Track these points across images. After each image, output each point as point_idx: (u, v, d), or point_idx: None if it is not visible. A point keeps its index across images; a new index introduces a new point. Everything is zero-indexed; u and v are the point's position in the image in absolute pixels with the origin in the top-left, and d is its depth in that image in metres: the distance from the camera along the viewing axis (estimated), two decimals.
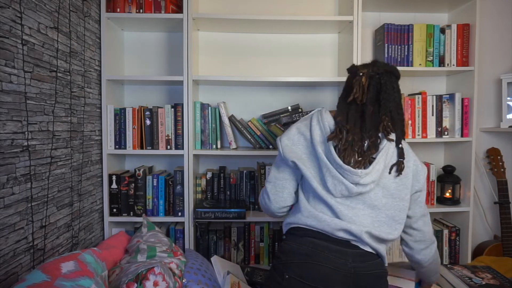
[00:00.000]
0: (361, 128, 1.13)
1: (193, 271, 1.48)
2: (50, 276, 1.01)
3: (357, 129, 1.12)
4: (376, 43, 2.06)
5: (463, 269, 1.67)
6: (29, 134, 1.25)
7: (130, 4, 1.81)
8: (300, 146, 1.17)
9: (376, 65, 1.16)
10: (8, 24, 1.14)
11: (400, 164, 1.13)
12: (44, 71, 1.33)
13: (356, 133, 1.12)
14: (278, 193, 1.21)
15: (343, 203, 1.11)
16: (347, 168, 1.07)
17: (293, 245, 1.12)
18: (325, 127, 1.14)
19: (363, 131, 1.13)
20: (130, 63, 2.06)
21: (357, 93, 1.12)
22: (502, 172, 1.99)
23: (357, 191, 1.09)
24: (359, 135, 1.12)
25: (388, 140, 1.14)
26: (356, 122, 1.13)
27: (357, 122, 1.13)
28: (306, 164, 1.14)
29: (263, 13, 2.07)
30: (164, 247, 1.58)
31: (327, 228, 1.10)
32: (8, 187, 1.14)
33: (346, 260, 1.08)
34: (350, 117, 1.13)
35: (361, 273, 1.07)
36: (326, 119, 1.15)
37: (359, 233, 1.08)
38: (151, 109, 1.84)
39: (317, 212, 1.12)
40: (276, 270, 1.12)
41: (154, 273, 1.26)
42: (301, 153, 1.16)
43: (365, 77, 1.14)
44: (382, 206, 1.12)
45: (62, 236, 1.45)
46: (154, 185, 1.85)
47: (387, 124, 1.12)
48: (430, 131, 1.95)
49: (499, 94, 2.12)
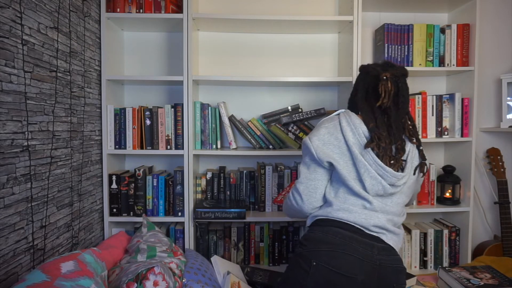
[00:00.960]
0: (389, 133, 1.19)
1: (193, 271, 1.48)
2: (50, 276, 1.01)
3: (386, 134, 1.17)
4: (376, 43, 2.06)
5: (461, 271, 1.67)
6: (29, 134, 1.25)
7: (130, 4, 1.81)
8: (331, 146, 1.19)
9: (394, 68, 1.22)
10: (8, 24, 1.14)
11: (423, 166, 1.23)
12: (44, 71, 1.33)
13: (387, 138, 1.17)
14: (311, 194, 1.23)
15: (375, 200, 1.18)
16: (389, 170, 1.14)
17: (320, 234, 1.17)
18: (358, 130, 1.18)
19: (390, 135, 1.19)
20: (130, 63, 2.06)
21: (385, 98, 1.18)
22: (502, 172, 1.99)
23: (391, 191, 1.17)
24: (389, 139, 1.17)
25: (411, 143, 1.23)
26: (384, 127, 1.18)
27: (384, 127, 1.18)
28: (341, 163, 1.18)
29: (263, 13, 2.07)
30: (164, 247, 1.58)
31: (361, 222, 1.16)
32: (8, 187, 1.14)
33: (372, 252, 1.13)
34: (380, 122, 1.18)
35: (385, 266, 1.13)
36: (356, 122, 1.19)
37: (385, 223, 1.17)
38: (151, 109, 1.84)
39: (349, 205, 1.18)
40: (302, 257, 1.14)
41: (154, 273, 1.26)
42: (333, 153, 1.19)
43: (390, 82, 1.19)
44: (403, 202, 1.24)
45: (62, 236, 1.45)
46: (154, 185, 1.85)
47: (412, 128, 1.23)
48: (430, 131, 1.95)
49: (499, 94, 2.12)
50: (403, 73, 1.22)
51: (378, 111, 1.20)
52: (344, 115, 1.22)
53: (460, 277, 1.60)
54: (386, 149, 1.15)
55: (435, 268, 1.99)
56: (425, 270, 1.99)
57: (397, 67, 1.23)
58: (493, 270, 1.68)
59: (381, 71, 1.21)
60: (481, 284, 1.55)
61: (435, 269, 1.98)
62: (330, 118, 1.26)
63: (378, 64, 1.26)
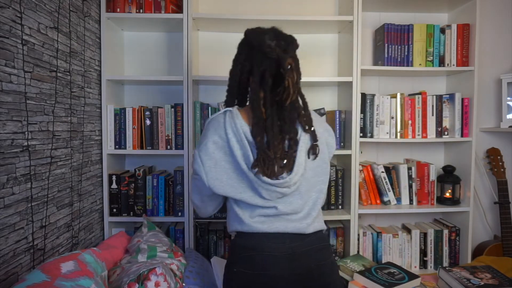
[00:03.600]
0: (281, 128, 1.05)
1: (193, 276, 1.48)
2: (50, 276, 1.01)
3: (276, 132, 1.03)
4: (376, 43, 2.06)
5: (461, 271, 1.67)
6: (29, 134, 1.25)
7: (130, 4, 1.81)
8: (223, 162, 1.05)
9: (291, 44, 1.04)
10: (8, 24, 1.14)
11: (315, 148, 1.09)
12: (44, 71, 1.33)
13: (277, 138, 1.03)
14: (207, 208, 1.20)
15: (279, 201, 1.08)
16: (276, 183, 1.02)
17: (240, 243, 1.11)
18: (243, 141, 1.03)
19: (283, 131, 1.05)
20: (130, 63, 2.06)
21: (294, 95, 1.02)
22: (502, 172, 1.99)
23: (291, 191, 1.07)
24: (279, 137, 1.04)
25: (305, 131, 1.07)
26: (274, 125, 1.03)
27: (275, 125, 1.04)
28: (237, 187, 1.06)
29: (263, 13, 2.07)
30: (164, 247, 1.58)
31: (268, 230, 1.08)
32: (8, 187, 1.14)
33: (284, 243, 1.07)
34: (269, 124, 1.03)
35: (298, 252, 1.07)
36: (241, 129, 1.04)
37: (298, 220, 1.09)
38: (151, 109, 1.84)
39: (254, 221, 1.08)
40: (226, 267, 1.12)
41: (156, 274, 1.26)
42: (226, 174, 1.06)
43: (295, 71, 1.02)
44: (311, 186, 1.11)
45: (62, 236, 1.45)
46: (154, 185, 1.85)
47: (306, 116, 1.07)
48: (430, 131, 1.95)
49: (499, 94, 2.12)
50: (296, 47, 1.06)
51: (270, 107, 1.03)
52: (230, 121, 1.05)
53: (460, 277, 1.60)
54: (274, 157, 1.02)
55: (435, 268, 1.99)
56: (425, 270, 1.99)
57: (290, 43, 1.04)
58: (494, 270, 1.68)
59: (282, 55, 1.00)
60: (481, 284, 1.55)
61: (435, 269, 1.98)
62: (214, 122, 1.09)
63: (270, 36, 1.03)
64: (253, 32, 1.08)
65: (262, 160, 1.01)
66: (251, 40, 1.07)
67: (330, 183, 1.94)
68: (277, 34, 1.05)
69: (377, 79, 2.16)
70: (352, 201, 1.88)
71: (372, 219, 2.19)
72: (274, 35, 1.04)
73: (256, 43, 1.04)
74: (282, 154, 1.04)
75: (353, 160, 1.87)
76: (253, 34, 1.08)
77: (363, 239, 1.97)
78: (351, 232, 1.89)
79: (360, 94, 1.87)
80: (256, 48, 1.05)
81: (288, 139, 1.06)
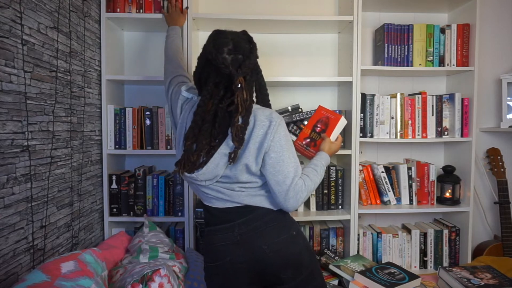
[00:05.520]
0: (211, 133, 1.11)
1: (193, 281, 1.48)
2: (50, 276, 1.01)
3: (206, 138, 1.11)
4: (376, 43, 2.06)
5: (462, 271, 1.67)
6: (29, 134, 1.25)
7: (130, 4, 1.81)
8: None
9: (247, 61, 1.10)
10: (8, 24, 1.14)
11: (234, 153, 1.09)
12: (44, 71, 1.33)
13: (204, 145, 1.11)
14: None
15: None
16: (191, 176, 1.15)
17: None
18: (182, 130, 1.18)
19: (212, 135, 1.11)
20: (130, 63, 2.06)
21: (242, 111, 1.06)
22: (502, 172, 1.99)
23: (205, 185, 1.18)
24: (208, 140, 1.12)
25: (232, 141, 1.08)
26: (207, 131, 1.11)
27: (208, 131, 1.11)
28: None
29: (263, 13, 2.07)
30: (166, 248, 1.58)
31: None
32: (8, 187, 1.14)
33: (233, 232, 1.15)
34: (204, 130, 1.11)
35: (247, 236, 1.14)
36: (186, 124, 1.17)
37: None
38: (151, 109, 1.84)
39: None
40: None
41: (160, 275, 1.26)
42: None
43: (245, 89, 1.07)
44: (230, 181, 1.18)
45: (62, 236, 1.45)
46: (154, 185, 1.85)
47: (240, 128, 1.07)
48: (430, 131, 1.95)
49: (499, 94, 2.12)
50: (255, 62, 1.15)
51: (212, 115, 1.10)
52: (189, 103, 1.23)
53: (460, 277, 1.60)
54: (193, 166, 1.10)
55: (435, 268, 1.99)
56: (425, 270, 1.99)
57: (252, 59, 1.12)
58: (494, 270, 1.68)
59: (234, 73, 1.07)
60: (482, 284, 1.55)
61: (435, 269, 1.98)
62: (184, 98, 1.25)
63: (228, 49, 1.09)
64: (212, 43, 1.13)
65: (184, 163, 1.10)
66: (207, 54, 1.12)
67: (330, 183, 1.94)
68: (236, 47, 1.11)
69: (377, 79, 2.16)
70: (352, 201, 1.87)
71: (372, 219, 2.19)
72: (233, 48, 1.10)
73: (211, 56, 1.10)
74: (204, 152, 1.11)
75: (353, 160, 1.87)
76: (209, 46, 1.13)
77: (363, 239, 1.97)
78: (351, 232, 1.89)
79: (360, 94, 1.87)
80: (211, 62, 1.10)
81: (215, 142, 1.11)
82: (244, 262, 1.14)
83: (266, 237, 1.14)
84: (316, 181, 1.19)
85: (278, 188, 1.11)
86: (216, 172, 1.12)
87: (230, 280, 1.16)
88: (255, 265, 1.14)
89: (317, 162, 1.25)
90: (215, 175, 1.12)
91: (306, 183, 1.14)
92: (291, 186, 1.10)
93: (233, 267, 1.15)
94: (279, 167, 1.10)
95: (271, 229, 1.16)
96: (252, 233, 1.14)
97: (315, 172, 1.20)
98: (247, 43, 1.15)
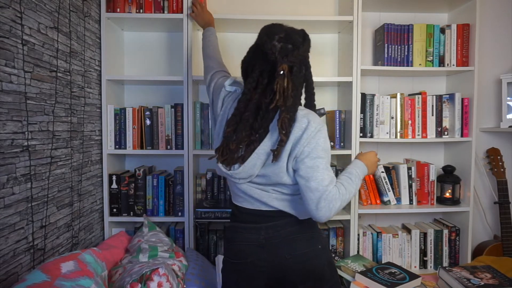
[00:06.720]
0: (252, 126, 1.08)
1: (194, 278, 1.48)
2: (50, 276, 1.01)
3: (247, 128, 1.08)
4: (376, 43, 2.06)
5: (461, 271, 1.67)
6: (29, 134, 1.25)
7: (130, 4, 1.81)
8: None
9: (296, 51, 1.06)
10: (8, 24, 1.14)
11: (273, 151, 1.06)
12: (44, 71, 1.33)
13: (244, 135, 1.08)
14: None
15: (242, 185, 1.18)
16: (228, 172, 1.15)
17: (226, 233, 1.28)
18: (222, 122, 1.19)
19: (253, 127, 1.08)
20: (130, 63, 2.06)
21: (279, 100, 1.03)
22: (502, 172, 1.99)
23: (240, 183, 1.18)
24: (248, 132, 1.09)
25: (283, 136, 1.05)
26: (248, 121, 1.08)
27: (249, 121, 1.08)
28: None
29: (263, 13, 2.07)
30: (165, 247, 1.58)
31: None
32: (8, 187, 1.14)
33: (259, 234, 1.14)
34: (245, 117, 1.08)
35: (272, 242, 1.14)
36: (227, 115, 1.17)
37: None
38: (151, 109, 1.84)
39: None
40: None
41: (159, 274, 1.26)
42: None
43: (287, 78, 1.03)
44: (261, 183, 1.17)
45: (62, 236, 1.45)
46: (154, 185, 1.85)
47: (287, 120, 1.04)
48: (430, 131, 1.95)
49: (499, 94, 2.12)
50: (306, 55, 1.10)
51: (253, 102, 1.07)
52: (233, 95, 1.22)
53: (460, 277, 1.60)
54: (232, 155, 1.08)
55: (435, 268, 1.99)
56: (425, 270, 1.99)
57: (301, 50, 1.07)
58: (494, 270, 1.68)
59: (280, 59, 1.04)
60: (482, 284, 1.55)
61: (435, 269, 1.98)
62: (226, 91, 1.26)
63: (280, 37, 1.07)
64: (265, 29, 1.12)
65: (222, 149, 1.09)
66: (258, 40, 1.12)
67: None
68: (288, 37, 1.08)
69: (377, 79, 2.16)
70: (352, 201, 1.87)
71: (372, 219, 2.19)
72: (285, 37, 1.08)
73: (260, 42, 1.09)
74: (244, 146, 1.08)
75: None
76: (264, 31, 1.12)
77: (363, 239, 1.97)
78: (351, 232, 1.89)
79: (360, 94, 1.87)
80: (259, 47, 1.09)
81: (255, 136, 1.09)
82: (265, 266, 1.14)
83: (292, 247, 1.13)
84: (351, 190, 1.09)
85: (310, 194, 1.03)
86: (252, 172, 1.10)
87: (247, 280, 1.16)
88: (276, 271, 1.14)
89: (351, 170, 1.16)
90: (250, 174, 1.11)
91: (341, 191, 1.05)
92: (324, 193, 1.02)
93: (252, 268, 1.15)
94: (313, 173, 1.04)
95: (298, 239, 1.14)
96: (278, 239, 1.13)
97: (350, 180, 1.12)
98: (300, 37, 1.10)
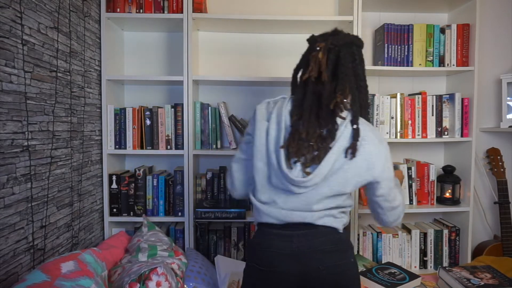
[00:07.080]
0: (317, 115, 1.04)
1: (193, 275, 1.48)
2: (50, 276, 1.01)
3: (312, 118, 1.04)
4: (376, 43, 2.06)
5: (461, 271, 1.67)
6: (29, 134, 1.25)
7: (130, 4, 1.81)
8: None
9: (336, 36, 1.07)
10: (8, 24, 1.14)
11: (353, 146, 1.03)
12: (44, 71, 1.33)
13: (311, 124, 1.03)
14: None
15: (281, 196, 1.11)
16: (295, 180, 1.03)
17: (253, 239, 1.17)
18: (280, 124, 1.06)
19: (320, 117, 1.04)
20: (130, 63, 2.06)
21: (312, 70, 1.03)
22: (502, 172, 1.99)
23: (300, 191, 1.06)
24: (316, 123, 1.03)
25: (341, 118, 1.03)
26: (312, 109, 1.04)
27: (313, 109, 1.04)
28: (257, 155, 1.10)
29: (263, 13, 2.07)
30: (165, 246, 1.58)
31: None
32: (8, 187, 1.14)
33: (292, 241, 1.08)
34: (306, 106, 1.04)
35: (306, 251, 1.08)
36: (284, 116, 1.07)
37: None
38: (151, 109, 1.84)
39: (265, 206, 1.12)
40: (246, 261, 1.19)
41: (157, 274, 1.26)
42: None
43: (323, 52, 1.04)
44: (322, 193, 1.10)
45: (62, 236, 1.45)
46: (154, 185, 1.85)
47: (341, 101, 1.02)
48: (430, 131, 1.95)
49: (499, 94, 2.12)
50: (348, 41, 1.07)
51: (310, 89, 1.06)
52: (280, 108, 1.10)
53: (460, 277, 1.60)
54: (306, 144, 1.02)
55: (435, 268, 1.99)
56: (425, 270, 1.99)
57: (341, 36, 1.07)
58: (494, 270, 1.68)
59: (319, 40, 1.07)
60: (481, 284, 1.55)
61: (435, 269, 1.98)
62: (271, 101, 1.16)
63: (326, 33, 1.11)
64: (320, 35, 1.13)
65: (293, 139, 1.03)
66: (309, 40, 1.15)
67: None
68: (336, 37, 1.08)
69: (377, 79, 2.16)
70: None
71: (372, 219, 2.19)
72: (331, 33, 1.10)
73: (309, 42, 1.13)
74: (316, 142, 1.03)
75: None
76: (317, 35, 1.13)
77: (363, 239, 1.97)
78: (351, 232, 1.89)
79: None
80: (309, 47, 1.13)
81: (327, 130, 1.04)
82: (295, 276, 1.08)
83: (326, 258, 1.09)
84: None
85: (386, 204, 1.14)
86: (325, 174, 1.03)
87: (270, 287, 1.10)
88: (305, 282, 1.09)
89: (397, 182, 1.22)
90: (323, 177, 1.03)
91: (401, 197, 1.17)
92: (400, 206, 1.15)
93: (279, 277, 1.09)
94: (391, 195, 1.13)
95: (332, 251, 1.10)
96: (311, 250, 1.08)
97: (399, 189, 1.20)
98: (348, 36, 1.09)
